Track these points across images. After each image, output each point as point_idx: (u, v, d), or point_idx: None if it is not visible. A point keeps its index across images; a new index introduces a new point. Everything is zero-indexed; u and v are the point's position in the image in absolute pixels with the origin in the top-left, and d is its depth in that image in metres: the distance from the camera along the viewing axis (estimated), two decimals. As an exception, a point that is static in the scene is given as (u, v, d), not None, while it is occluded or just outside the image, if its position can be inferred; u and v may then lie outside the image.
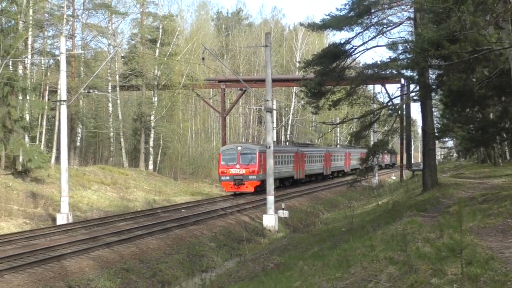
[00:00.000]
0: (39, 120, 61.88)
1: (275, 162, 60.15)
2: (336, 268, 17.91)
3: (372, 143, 58.73)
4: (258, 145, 66.09)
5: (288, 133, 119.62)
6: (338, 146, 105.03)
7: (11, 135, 53.88)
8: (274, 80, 50.34)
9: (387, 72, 43.77)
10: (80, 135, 75.55)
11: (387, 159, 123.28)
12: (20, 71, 60.08)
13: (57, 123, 59.28)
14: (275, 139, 68.18)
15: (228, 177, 58.67)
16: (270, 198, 42.84)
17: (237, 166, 58.17)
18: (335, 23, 39.71)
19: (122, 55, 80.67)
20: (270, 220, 42.65)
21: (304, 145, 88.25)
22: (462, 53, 24.79)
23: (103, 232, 35.34)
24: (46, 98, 64.36)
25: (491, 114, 41.27)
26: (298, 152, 74.97)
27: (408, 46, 38.37)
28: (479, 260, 13.68)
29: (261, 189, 57.22)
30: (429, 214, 26.43)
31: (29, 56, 61.57)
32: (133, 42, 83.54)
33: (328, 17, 39.94)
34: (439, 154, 66.70)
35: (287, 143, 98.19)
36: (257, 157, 57.93)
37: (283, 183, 73.49)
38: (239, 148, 59.52)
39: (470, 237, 16.51)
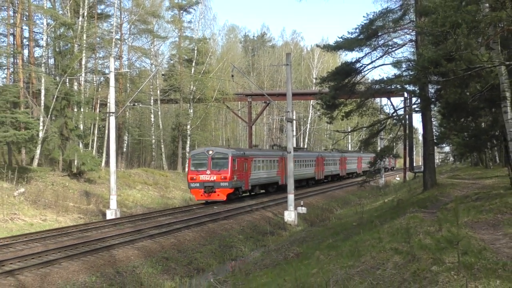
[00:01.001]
0: (91, 129, 62.18)
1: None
2: (348, 257, 17.85)
3: (379, 148, 58.34)
4: (231, 148, 55.23)
5: (306, 140, 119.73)
6: (333, 150, 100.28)
7: (68, 142, 54.28)
8: (294, 94, 50.26)
9: (392, 87, 43.75)
10: (126, 142, 75.73)
11: (386, 163, 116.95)
12: (75, 87, 60.49)
13: (106, 131, 59.53)
14: (294, 145, 64.41)
15: (197, 184, 47.95)
16: (291, 197, 42.87)
17: (208, 172, 47.84)
18: (347, 44, 39.67)
19: (163, 73, 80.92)
20: (290, 216, 42.60)
21: (296, 149, 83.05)
22: (457, 71, 24.68)
23: (146, 225, 35.42)
24: (97, 110, 64.71)
25: (483, 124, 40.97)
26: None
27: (410, 64, 38.29)
28: (473, 251, 13.59)
29: (235, 197, 50.62)
30: (429, 210, 26.29)
31: (83, 74, 61.91)
32: (172, 61, 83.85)
33: (341, 39, 39.91)
34: (437, 158, 66.38)
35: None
36: (230, 162, 47.73)
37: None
38: (210, 152, 48.91)
39: (465, 231, 16.40)
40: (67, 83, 58.24)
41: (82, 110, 60.06)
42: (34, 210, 42.21)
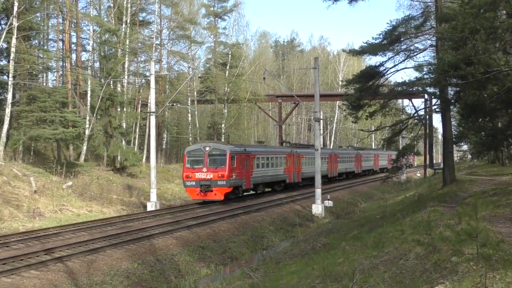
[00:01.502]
0: (133, 127, 62.55)
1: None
2: (373, 248, 17.74)
3: (401, 146, 57.95)
4: (230, 145, 47.78)
5: (332, 138, 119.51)
6: (348, 147, 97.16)
7: (112, 139, 54.78)
8: (321, 96, 50.09)
9: (414, 89, 43.64)
10: (165, 139, 76.13)
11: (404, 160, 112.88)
12: (119, 89, 60.89)
13: (147, 129, 59.84)
14: (321, 143, 63.42)
15: (193, 183, 42.06)
16: (318, 191, 42.79)
17: (204, 169, 41.87)
18: (371, 49, 39.45)
19: (199, 75, 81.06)
20: (318, 208, 42.53)
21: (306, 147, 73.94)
22: (476, 74, 24.46)
23: (184, 217, 35.53)
24: (139, 110, 65.05)
25: (500, 124, 40.57)
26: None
27: (431, 68, 37.95)
28: (491, 243, 13.44)
29: (235, 196, 44.71)
30: (448, 204, 26.04)
31: (126, 77, 62.31)
32: (207, 65, 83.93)
33: (366, 44, 39.70)
34: (456, 156, 65.84)
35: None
36: (228, 159, 41.72)
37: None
38: (207, 148, 42.65)
39: (483, 224, 16.22)
40: (111, 85, 58.59)
41: (124, 109, 60.50)
42: (81, 202, 42.59)
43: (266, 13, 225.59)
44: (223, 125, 77.24)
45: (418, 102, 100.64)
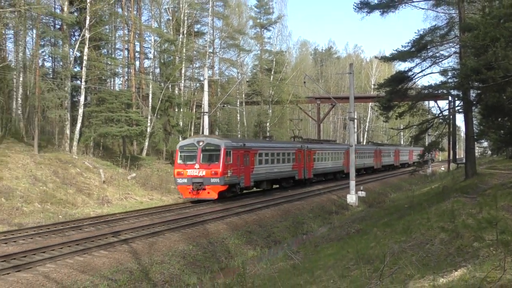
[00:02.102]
0: (189, 125, 62.89)
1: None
2: (401, 234, 17.58)
3: (427, 143, 57.18)
4: (226, 139, 39.94)
5: (365, 136, 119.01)
6: (368, 143, 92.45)
7: (170, 136, 55.43)
8: (355, 98, 49.82)
9: (439, 92, 43.07)
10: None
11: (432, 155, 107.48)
12: (176, 92, 61.37)
13: (201, 127, 60.11)
14: (355, 141, 61.86)
15: (185, 180, 35.47)
16: (352, 183, 42.60)
17: (197, 166, 35.18)
18: (400, 56, 39.01)
19: (247, 80, 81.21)
20: (352, 198, 42.29)
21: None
22: (496, 78, 24.09)
23: (233, 205, 35.60)
24: (194, 110, 65.41)
25: (517, 123, 40.00)
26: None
27: (455, 73, 37.59)
28: (510, 230, 13.19)
29: (232, 195, 37.97)
30: (470, 195, 25.62)
31: (182, 81, 62.75)
32: (254, 70, 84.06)
33: (396, 52, 39.24)
34: (477, 151, 64.60)
35: (368, 143, 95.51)
36: (222, 155, 34.95)
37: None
38: (201, 143, 35.74)
39: (502, 213, 15.92)
40: (170, 88, 59.17)
41: (181, 110, 60.94)
42: (143, 191, 43.16)
43: (306, 24, 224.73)
44: (268, 124, 77.35)
45: (443, 103, 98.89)
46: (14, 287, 16.07)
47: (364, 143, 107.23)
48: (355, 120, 59.93)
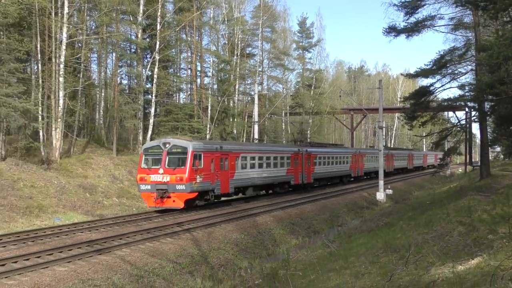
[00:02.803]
0: (242, 133, 63.08)
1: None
2: (424, 226, 17.27)
3: (446, 148, 56.06)
4: (197, 141, 31.55)
5: (393, 141, 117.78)
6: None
7: (225, 142, 55.46)
8: (384, 109, 49.18)
9: (457, 104, 42.33)
10: (265, 142, 76.58)
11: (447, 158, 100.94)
12: (231, 104, 61.65)
13: (252, 135, 60.21)
14: (384, 144, 60.12)
15: (148, 186, 27.72)
16: (381, 182, 42.05)
17: (161, 171, 27.56)
18: (423, 73, 38.39)
19: (291, 94, 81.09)
20: (380, 195, 41.75)
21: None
22: (508, 91, 23.59)
23: (278, 200, 35.58)
24: (246, 120, 65.60)
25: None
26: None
27: (471, 87, 36.78)
28: (521, 224, 12.82)
29: (204, 203, 29.87)
30: (485, 194, 24.94)
31: (236, 95, 63.01)
32: (297, 86, 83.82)
33: (419, 69, 38.65)
34: (490, 156, 62.93)
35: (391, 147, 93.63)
36: (189, 158, 27.31)
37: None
38: (167, 145, 28.17)
39: (514, 209, 15.48)
40: (226, 101, 59.51)
41: (235, 120, 61.14)
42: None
43: (342, 46, 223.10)
44: (308, 132, 77.05)
45: (461, 114, 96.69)
46: (96, 268, 16.37)
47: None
48: (384, 128, 59.02)
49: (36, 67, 41.54)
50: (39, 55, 39.86)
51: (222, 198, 32.48)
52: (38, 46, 39.46)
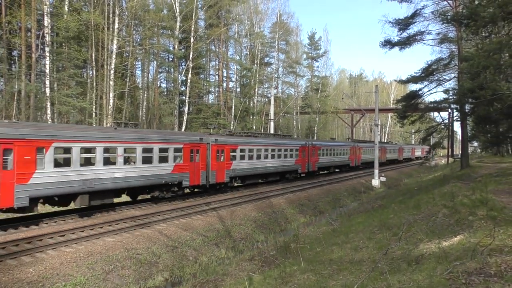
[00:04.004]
0: (260, 128, 62.94)
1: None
2: (413, 209, 16.99)
3: (432, 143, 55.30)
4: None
5: (386, 137, 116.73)
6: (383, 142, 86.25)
7: (246, 136, 55.27)
8: (379, 110, 48.65)
9: (442, 105, 41.55)
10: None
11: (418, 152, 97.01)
12: (251, 104, 61.41)
13: (268, 130, 60.04)
14: (379, 140, 59.09)
15: None
16: (376, 171, 41.48)
17: None
18: (413, 79, 37.79)
19: (301, 96, 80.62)
20: (375, 182, 41.26)
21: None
22: (486, 95, 23.21)
23: (289, 185, 35.41)
24: (263, 117, 65.40)
25: (501, 129, 38.29)
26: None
27: (454, 92, 36.16)
28: (497, 208, 12.54)
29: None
30: (465, 181, 24.47)
31: (256, 97, 62.78)
32: (306, 90, 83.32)
33: (410, 76, 38.03)
34: (469, 150, 61.84)
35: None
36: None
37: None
38: None
39: (490, 195, 15.11)
40: (247, 102, 59.31)
41: (254, 117, 60.96)
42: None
43: (344, 56, 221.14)
44: (315, 128, 76.61)
45: (444, 114, 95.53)
46: (139, 239, 16.41)
47: (375, 143, 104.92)
48: (379, 126, 58.39)
49: (91, 73, 41.79)
50: (93, 63, 40.14)
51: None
52: (93, 55, 39.74)
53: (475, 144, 78.26)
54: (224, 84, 62.91)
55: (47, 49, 35.56)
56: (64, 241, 15.03)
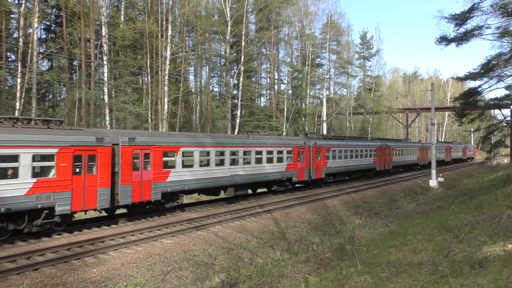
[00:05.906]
0: (313, 130, 62.56)
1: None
2: (474, 210, 16.36)
3: (493, 142, 52.91)
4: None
5: (443, 136, 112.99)
6: (404, 140, 72.55)
7: (299, 137, 55.08)
8: (435, 108, 47.18)
9: (503, 102, 39.76)
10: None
11: (471, 153, 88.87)
12: (303, 106, 61.17)
13: (321, 131, 59.62)
14: (435, 140, 56.05)
15: None
16: (433, 171, 40.41)
17: None
18: (472, 76, 36.38)
19: (354, 97, 79.55)
20: (433, 183, 40.11)
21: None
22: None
23: (345, 187, 34.97)
24: (315, 119, 64.96)
25: None
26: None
27: (517, 87, 34.59)
28: None
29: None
30: (530, 181, 23.42)
31: (308, 98, 62.47)
32: (359, 90, 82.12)
33: (468, 73, 36.69)
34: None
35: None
36: None
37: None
38: None
39: (559, 196, 14.34)
40: (299, 104, 59.14)
41: (307, 119, 60.66)
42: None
43: (398, 54, 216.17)
44: (369, 129, 75.36)
45: (506, 111, 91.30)
46: (195, 241, 16.70)
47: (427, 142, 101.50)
48: (435, 125, 56.48)
49: (146, 79, 43.00)
50: (148, 69, 41.30)
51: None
52: (148, 62, 40.89)
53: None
54: (276, 87, 63.03)
55: (105, 58, 37.00)
56: (124, 243, 15.54)
